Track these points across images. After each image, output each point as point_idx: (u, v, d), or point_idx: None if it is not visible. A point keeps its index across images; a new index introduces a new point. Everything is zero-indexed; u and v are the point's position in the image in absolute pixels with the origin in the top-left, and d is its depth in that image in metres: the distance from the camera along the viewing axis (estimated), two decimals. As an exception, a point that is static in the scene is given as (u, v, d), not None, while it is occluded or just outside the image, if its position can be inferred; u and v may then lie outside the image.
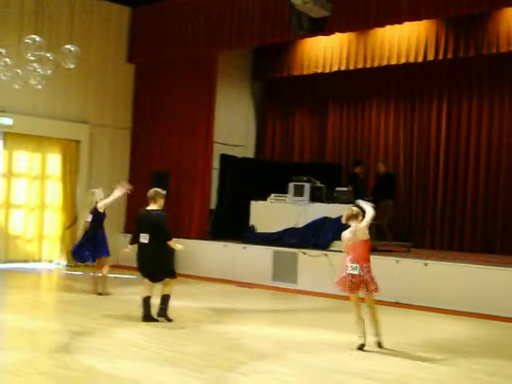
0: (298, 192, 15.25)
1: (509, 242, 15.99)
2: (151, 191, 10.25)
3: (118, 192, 12.64)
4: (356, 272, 8.46)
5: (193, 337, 9.10)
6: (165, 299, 10.05)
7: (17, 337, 8.85)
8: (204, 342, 8.73)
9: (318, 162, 19.18)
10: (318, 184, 15.50)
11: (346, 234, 8.62)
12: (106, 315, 10.28)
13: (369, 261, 8.57)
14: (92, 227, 12.47)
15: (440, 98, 17.35)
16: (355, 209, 8.64)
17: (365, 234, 8.49)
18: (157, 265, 10.03)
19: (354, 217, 8.55)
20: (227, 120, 18.81)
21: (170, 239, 9.91)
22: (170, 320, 9.92)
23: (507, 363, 8.25)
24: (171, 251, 10.34)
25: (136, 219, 10.29)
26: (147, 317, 9.88)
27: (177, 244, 10.12)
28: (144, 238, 9.90)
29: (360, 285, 8.50)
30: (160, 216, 10.05)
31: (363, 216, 8.54)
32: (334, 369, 7.50)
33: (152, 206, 10.13)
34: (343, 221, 8.69)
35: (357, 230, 8.47)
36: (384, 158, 17.85)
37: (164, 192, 10.37)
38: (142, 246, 9.94)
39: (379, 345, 8.52)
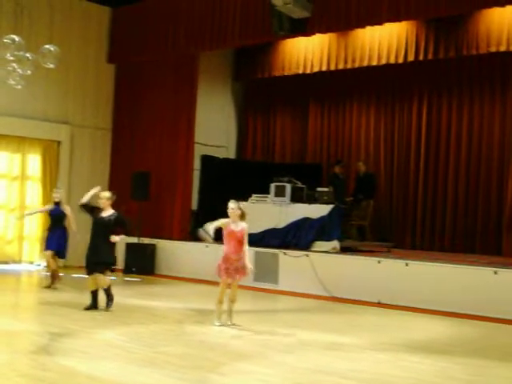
0: (279, 192, 15.26)
1: (489, 241, 16.09)
2: (111, 194, 11.23)
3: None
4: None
5: (174, 337, 9.08)
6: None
7: (-4, 339, 8.79)
8: (185, 343, 8.71)
9: (299, 162, 19.21)
10: (299, 184, 15.52)
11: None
12: (86, 316, 10.22)
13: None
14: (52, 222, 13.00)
15: (420, 98, 17.44)
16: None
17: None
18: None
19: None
20: (208, 121, 18.78)
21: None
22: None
23: (487, 363, 8.29)
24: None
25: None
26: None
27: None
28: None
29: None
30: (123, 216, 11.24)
31: None
32: (314, 369, 7.50)
33: (111, 210, 11.03)
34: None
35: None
36: (365, 158, 17.92)
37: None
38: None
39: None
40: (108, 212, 10.85)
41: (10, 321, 9.90)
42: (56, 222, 12.96)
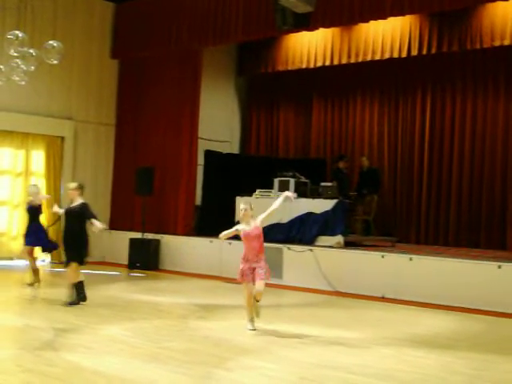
0: (283, 187, 15.22)
1: (493, 235, 16.08)
2: (78, 184, 11.25)
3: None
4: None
5: (178, 333, 9.10)
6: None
7: (1, 334, 8.81)
8: (190, 338, 8.72)
9: (303, 157, 19.20)
10: (303, 179, 15.53)
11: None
12: (90, 312, 10.25)
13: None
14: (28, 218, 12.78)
15: (424, 92, 17.41)
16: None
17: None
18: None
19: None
20: (212, 116, 18.78)
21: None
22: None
23: (492, 357, 8.29)
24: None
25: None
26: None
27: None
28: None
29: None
30: (87, 206, 10.97)
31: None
32: (319, 364, 7.51)
33: (80, 200, 10.97)
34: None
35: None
36: (368, 152, 17.91)
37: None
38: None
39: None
40: (76, 202, 10.88)
41: (14, 316, 9.93)
42: (31, 218, 12.83)
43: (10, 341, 8.47)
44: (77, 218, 10.74)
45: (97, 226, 10.64)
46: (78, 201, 10.88)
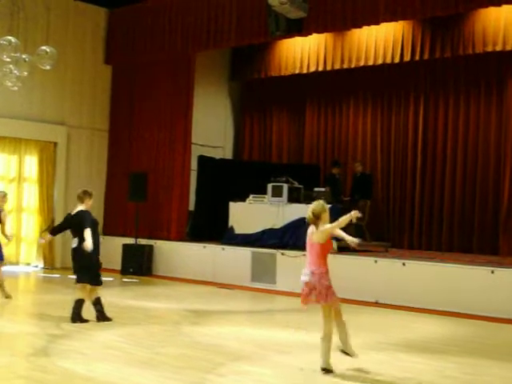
0: (277, 193, 15.28)
1: (486, 240, 16.10)
2: (79, 191, 10.15)
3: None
4: (305, 279, 7.45)
5: (171, 339, 9.09)
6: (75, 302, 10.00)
7: (-6, 341, 8.80)
8: (182, 344, 8.72)
9: (296, 162, 19.22)
10: (296, 185, 15.54)
11: (308, 230, 7.65)
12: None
13: (322, 267, 7.45)
14: None
15: (417, 98, 17.44)
16: (316, 209, 7.59)
17: (321, 239, 7.47)
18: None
19: (315, 220, 7.52)
20: (205, 121, 18.78)
21: (85, 229, 9.63)
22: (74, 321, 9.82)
23: (484, 362, 8.30)
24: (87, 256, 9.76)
25: (65, 217, 10.34)
26: (74, 318, 9.82)
27: (87, 240, 9.58)
28: (74, 243, 9.84)
29: (310, 293, 7.43)
30: (81, 215, 9.90)
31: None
32: (312, 369, 7.51)
33: (79, 207, 10.01)
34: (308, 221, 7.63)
35: (314, 233, 7.53)
36: (362, 158, 17.92)
37: (92, 192, 10.24)
38: (72, 250, 9.93)
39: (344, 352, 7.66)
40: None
41: (7, 323, 9.90)
42: None
43: (3, 348, 8.44)
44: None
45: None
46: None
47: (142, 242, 16.67)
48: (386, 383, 7.09)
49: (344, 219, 7.60)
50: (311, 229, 7.59)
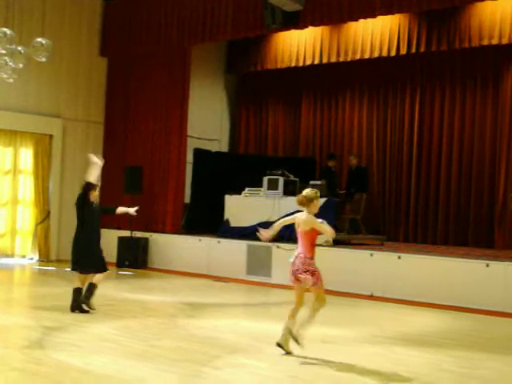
0: (272, 186, 15.26)
1: (481, 234, 16.14)
2: (83, 184, 10.49)
3: None
4: (291, 260, 7.98)
5: (167, 331, 9.09)
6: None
7: (-11, 333, 8.79)
8: (178, 337, 8.71)
9: (292, 155, 19.21)
10: (292, 178, 15.53)
11: (297, 215, 8.09)
12: (78, 310, 10.20)
13: (309, 252, 7.90)
14: None
15: (413, 91, 17.44)
16: (310, 194, 7.99)
17: (308, 226, 7.85)
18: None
19: (306, 202, 7.93)
20: (201, 114, 18.75)
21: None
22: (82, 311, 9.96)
23: (480, 355, 8.31)
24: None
25: None
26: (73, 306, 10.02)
27: None
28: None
29: (293, 276, 7.93)
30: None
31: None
32: (307, 362, 7.52)
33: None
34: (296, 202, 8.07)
35: (302, 219, 7.93)
36: (357, 151, 17.92)
37: (96, 183, 10.43)
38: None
39: (294, 338, 7.71)
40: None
41: (2, 315, 9.88)
42: None
43: (-3, 339, 8.45)
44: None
45: None
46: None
47: (138, 234, 16.65)
48: (383, 376, 7.09)
49: (327, 231, 7.94)
50: (301, 215, 7.97)
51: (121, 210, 10.73)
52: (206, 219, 17.32)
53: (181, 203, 17.39)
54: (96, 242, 10.18)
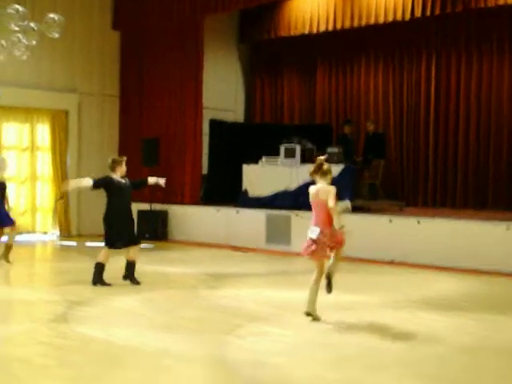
0: (289, 154, 15.23)
1: (501, 196, 16.04)
2: (108, 160, 10.31)
3: None
4: (315, 236, 7.70)
5: (189, 302, 9.15)
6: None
7: (15, 309, 8.89)
8: (200, 307, 8.77)
9: (308, 123, 19.13)
10: (309, 145, 15.48)
11: (311, 190, 7.96)
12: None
13: (330, 225, 7.69)
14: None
15: (428, 54, 17.25)
16: (325, 165, 7.89)
17: (326, 196, 7.71)
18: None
19: (321, 173, 7.85)
20: (216, 85, 18.67)
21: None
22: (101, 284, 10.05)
23: (502, 318, 8.32)
24: (111, 218, 10.13)
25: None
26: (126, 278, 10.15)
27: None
28: None
29: (322, 249, 7.69)
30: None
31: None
32: (330, 328, 7.56)
33: (112, 176, 10.19)
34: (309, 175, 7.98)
35: (320, 190, 7.80)
36: (374, 116, 17.80)
37: (122, 158, 10.38)
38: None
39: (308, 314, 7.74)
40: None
41: (27, 291, 9.98)
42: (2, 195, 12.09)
43: (23, 315, 8.54)
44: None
45: None
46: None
47: (157, 207, 16.71)
48: (407, 340, 7.12)
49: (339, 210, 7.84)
50: (317, 187, 7.86)
51: (152, 180, 10.74)
52: (223, 190, 17.33)
53: (198, 174, 17.41)
54: (126, 218, 10.17)
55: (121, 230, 10.10)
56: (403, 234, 12.96)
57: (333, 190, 7.72)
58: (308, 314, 7.74)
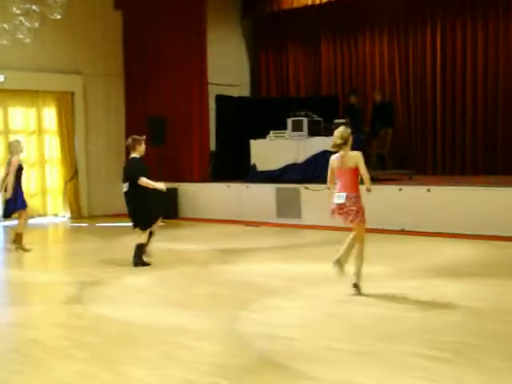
0: (297, 127, 15.19)
1: (510, 162, 15.96)
2: (128, 140, 10.33)
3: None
4: (341, 201, 7.80)
5: (202, 279, 9.18)
6: (135, 249, 10.04)
7: (29, 291, 8.93)
8: (213, 283, 8.80)
9: (315, 95, 19.05)
10: (316, 118, 15.42)
11: (333, 159, 7.95)
12: (114, 264, 10.34)
13: (357, 190, 7.86)
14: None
15: (433, 22, 17.10)
16: (345, 134, 7.84)
17: (353, 163, 7.77)
18: (131, 212, 10.12)
19: (342, 144, 7.81)
20: (220, 60, 18.57)
21: (137, 179, 9.88)
22: (143, 264, 9.98)
23: (513, 282, 8.33)
24: (148, 200, 10.03)
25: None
26: (135, 263, 9.95)
27: (156, 183, 10.05)
28: (124, 188, 10.05)
29: (345, 214, 7.83)
30: (133, 162, 10.09)
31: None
32: (343, 299, 7.57)
33: (132, 155, 10.18)
34: (331, 148, 7.98)
35: (345, 157, 7.81)
36: (380, 86, 17.71)
37: (141, 137, 10.33)
38: (124, 195, 10.11)
39: (354, 286, 7.75)
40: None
41: (40, 273, 10.04)
42: (19, 178, 11.90)
43: (37, 297, 8.59)
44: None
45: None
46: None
47: (166, 185, 16.64)
48: (421, 308, 7.13)
49: (366, 176, 7.85)
50: (339, 155, 7.83)
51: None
52: (232, 165, 17.33)
53: (207, 151, 17.39)
54: (144, 199, 10.07)
55: (155, 209, 10.22)
56: (413, 202, 12.93)
57: (360, 155, 7.83)
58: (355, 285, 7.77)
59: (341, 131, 7.90)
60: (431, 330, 6.32)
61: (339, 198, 7.82)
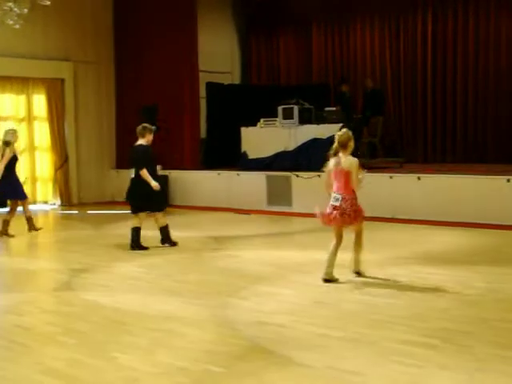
0: (287, 115, 15.18)
1: (500, 150, 16.00)
2: (139, 127, 10.49)
3: None
4: (337, 204, 7.83)
5: (192, 266, 9.19)
6: (160, 231, 10.49)
7: (19, 278, 8.90)
8: (203, 270, 8.82)
9: (306, 83, 19.02)
10: (307, 105, 15.41)
11: (331, 161, 7.91)
12: (104, 251, 10.35)
13: (351, 191, 7.89)
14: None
15: (424, 8, 17.07)
16: (342, 138, 7.87)
17: (348, 167, 7.78)
18: (143, 197, 10.29)
19: (340, 147, 7.82)
20: (211, 47, 18.49)
21: (140, 169, 10.14)
22: (172, 244, 10.43)
23: (505, 270, 8.35)
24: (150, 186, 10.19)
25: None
26: (132, 246, 10.22)
27: (152, 181, 10.13)
28: (131, 173, 10.34)
29: (341, 216, 7.81)
30: (140, 150, 10.26)
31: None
32: (333, 286, 7.59)
33: (140, 141, 10.38)
34: (331, 154, 7.89)
35: (342, 160, 7.80)
36: (371, 73, 17.70)
37: (153, 127, 10.57)
38: (130, 180, 10.39)
39: (357, 273, 8.00)
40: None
41: (30, 260, 10.04)
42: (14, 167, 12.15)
43: (27, 284, 8.57)
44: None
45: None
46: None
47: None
48: (411, 295, 7.16)
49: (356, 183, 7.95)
50: (338, 158, 7.85)
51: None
52: (223, 153, 17.30)
53: (197, 139, 17.36)
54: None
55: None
56: (403, 190, 12.96)
57: (357, 162, 7.89)
58: (326, 280, 7.77)
59: (339, 134, 7.98)
60: (420, 317, 6.35)
61: (335, 199, 7.87)
